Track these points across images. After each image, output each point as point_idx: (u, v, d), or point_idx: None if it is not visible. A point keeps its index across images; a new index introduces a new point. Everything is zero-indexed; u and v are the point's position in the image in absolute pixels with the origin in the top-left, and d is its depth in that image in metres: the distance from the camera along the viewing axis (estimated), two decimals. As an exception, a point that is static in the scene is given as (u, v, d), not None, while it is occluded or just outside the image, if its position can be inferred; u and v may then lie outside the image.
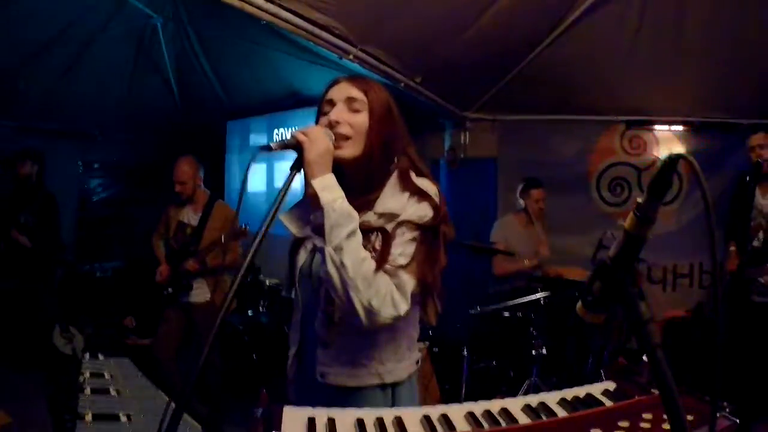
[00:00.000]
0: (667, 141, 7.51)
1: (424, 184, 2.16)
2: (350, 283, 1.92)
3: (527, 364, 5.22)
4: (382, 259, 2.01)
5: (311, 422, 1.74)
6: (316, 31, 4.34)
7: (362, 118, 2.14)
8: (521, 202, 6.30)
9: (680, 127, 7.40)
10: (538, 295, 5.27)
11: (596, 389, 1.94)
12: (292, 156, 2.01)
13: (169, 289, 5.56)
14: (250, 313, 6.88)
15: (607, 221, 7.22)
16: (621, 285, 1.28)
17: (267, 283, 7.08)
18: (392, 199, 2.12)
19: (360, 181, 2.18)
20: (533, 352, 5.15)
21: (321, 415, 1.78)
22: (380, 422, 1.77)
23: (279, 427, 1.68)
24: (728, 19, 5.43)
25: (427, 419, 1.79)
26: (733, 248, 5.28)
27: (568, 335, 5.72)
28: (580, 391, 1.93)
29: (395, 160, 2.22)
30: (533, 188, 6.25)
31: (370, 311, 1.93)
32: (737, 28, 5.51)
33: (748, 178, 5.43)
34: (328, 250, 1.95)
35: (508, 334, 5.56)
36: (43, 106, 7.84)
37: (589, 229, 6.95)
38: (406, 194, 2.11)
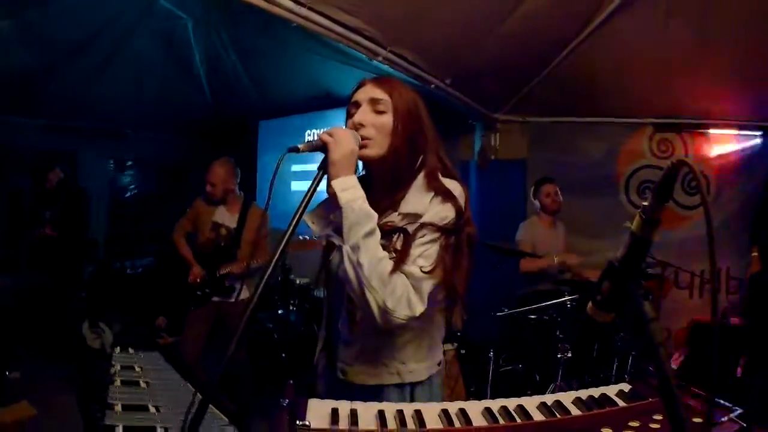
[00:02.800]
0: (699, 143, 7.47)
1: (451, 185, 2.17)
2: (366, 282, 1.96)
3: (553, 367, 5.21)
4: (400, 259, 2.04)
5: (334, 412, 1.79)
6: (346, 33, 4.37)
7: (386, 119, 2.17)
8: (536, 203, 6.33)
9: (712, 130, 7.36)
10: (565, 298, 5.26)
11: (611, 390, 1.97)
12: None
13: (206, 290, 5.54)
14: (280, 312, 6.92)
15: (634, 225, 7.21)
16: (627, 285, 1.31)
17: (297, 283, 7.11)
18: (416, 200, 2.14)
19: (386, 181, 2.21)
20: (558, 355, 5.14)
21: (344, 406, 1.83)
22: (400, 414, 1.80)
23: (304, 417, 1.72)
24: (755, 15, 5.39)
25: (445, 413, 1.82)
26: (755, 254, 5.19)
27: (594, 339, 5.70)
28: (596, 392, 1.96)
29: (422, 160, 2.23)
30: (543, 184, 6.29)
31: (384, 311, 1.96)
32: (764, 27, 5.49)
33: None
34: (346, 248, 1.99)
35: (535, 336, 5.55)
36: (75, 105, 7.99)
37: (618, 232, 6.83)
38: (431, 195, 2.13)
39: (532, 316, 5.46)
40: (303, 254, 5.40)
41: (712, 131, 7.34)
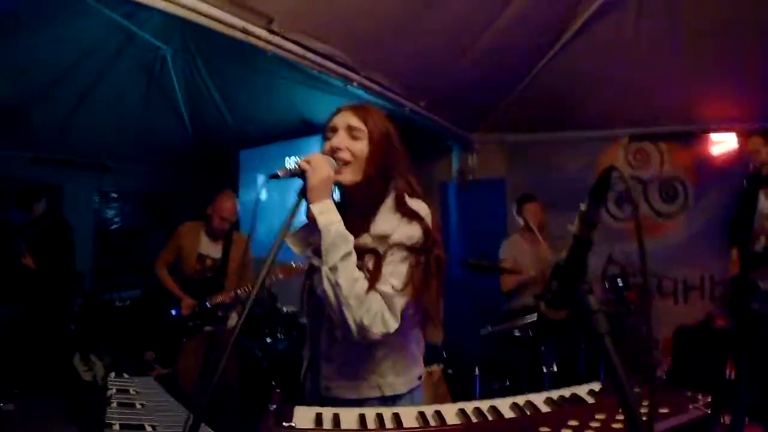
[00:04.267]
0: (674, 151, 7.55)
1: (418, 206, 2.27)
2: (344, 301, 2.06)
3: (540, 382, 5.24)
4: (374, 279, 2.13)
5: (318, 416, 1.92)
6: (319, 60, 4.47)
7: (361, 146, 2.26)
8: (520, 220, 6.36)
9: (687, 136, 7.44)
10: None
11: (582, 389, 2.10)
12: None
13: (197, 321, 5.57)
14: (268, 340, 6.93)
15: (614, 236, 7.24)
16: (572, 282, 1.42)
17: (284, 311, 7.13)
18: (385, 221, 2.25)
19: (360, 204, 2.31)
20: (544, 369, 5.15)
21: (328, 412, 1.95)
22: (380, 417, 1.92)
23: (290, 421, 1.84)
24: (724, 19, 5.49)
25: (422, 415, 1.95)
26: (734, 253, 5.23)
27: (580, 353, 5.74)
28: (567, 391, 2.10)
29: (392, 184, 2.32)
30: (526, 203, 6.34)
31: (361, 327, 2.07)
32: (735, 29, 5.57)
33: (745, 182, 5.42)
34: (324, 270, 2.09)
35: (520, 353, 5.57)
36: (58, 138, 8.02)
37: (597, 245, 6.87)
38: (398, 216, 2.24)
39: (517, 333, 5.47)
40: (288, 282, 5.43)
41: (688, 137, 7.41)
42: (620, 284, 6.23)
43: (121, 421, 2.27)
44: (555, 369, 5.15)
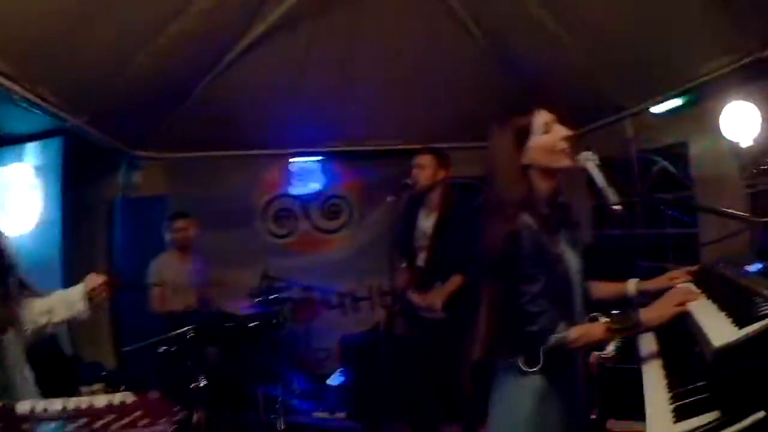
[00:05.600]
0: (336, 170, 8.13)
1: None
2: None
3: (191, 395, 5.28)
4: None
5: None
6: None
7: None
8: (168, 236, 6.49)
9: (349, 157, 8.02)
10: (186, 329, 5.35)
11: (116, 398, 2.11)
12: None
13: None
14: None
15: (274, 252, 7.62)
16: None
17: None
18: None
19: None
20: (192, 385, 5.27)
21: None
22: None
23: None
24: (396, 50, 6.19)
25: None
26: (404, 265, 5.37)
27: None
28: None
29: None
30: (175, 219, 6.49)
31: None
32: (404, 57, 6.28)
33: (406, 200, 5.48)
34: None
35: (167, 369, 5.61)
36: None
37: (256, 261, 7.25)
38: None
39: (162, 349, 5.45)
40: None
41: (353, 157, 8.03)
42: (273, 298, 6.57)
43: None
44: (202, 384, 5.27)
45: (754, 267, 2.42)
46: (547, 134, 2.62)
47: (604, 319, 2.47)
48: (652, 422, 2.06)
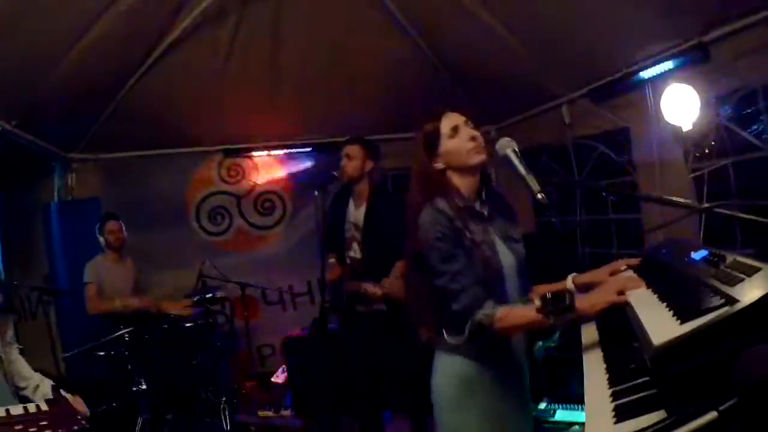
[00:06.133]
0: (268, 166, 8.03)
1: None
2: None
3: (134, 399, 5.27)
4: None
5: None
6: None
7: None
8: (101, 239, 6.40)
9: (280, 151, 7.96)
10: (123, 331, 5.34)
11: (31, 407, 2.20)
12: None
13: None
14: None
15: (208, 250, 7.55)
16: None
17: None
18: None
19: None
20: (134, 388, 5.22)
21: None
22: None
23: None
24: (324, 42, 6.13)
25: None
26: (332, 260, 5.21)
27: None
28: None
29: None
30: (107, 221, 6.41)
31: None
32: (333, 50, 6.25)
33: (337, 190, 5.43)
34: None
35: (109, 372, 5.58)
36: None
37: (190, 261, 7.20)
38: None
39: (101, 353, 5.43)
40: None
41: (283, 152, 7.98)
42: (208, 296, 6.52)
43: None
44: (144, 387, 5.22)
45: (699, 254, 2.37)
46: (453, 138, 2.69)
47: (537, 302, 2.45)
48: (590, 421, 1.93)
